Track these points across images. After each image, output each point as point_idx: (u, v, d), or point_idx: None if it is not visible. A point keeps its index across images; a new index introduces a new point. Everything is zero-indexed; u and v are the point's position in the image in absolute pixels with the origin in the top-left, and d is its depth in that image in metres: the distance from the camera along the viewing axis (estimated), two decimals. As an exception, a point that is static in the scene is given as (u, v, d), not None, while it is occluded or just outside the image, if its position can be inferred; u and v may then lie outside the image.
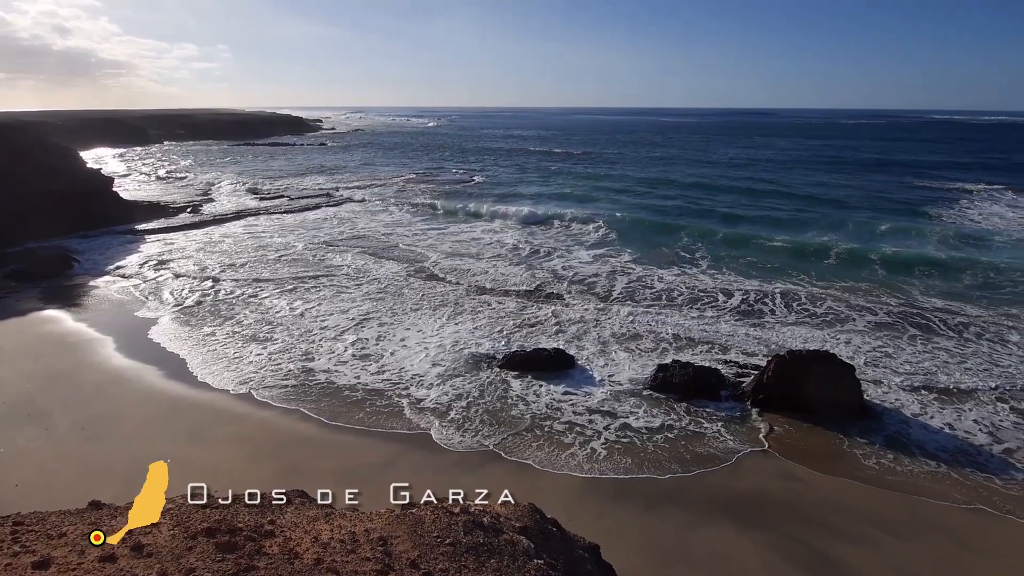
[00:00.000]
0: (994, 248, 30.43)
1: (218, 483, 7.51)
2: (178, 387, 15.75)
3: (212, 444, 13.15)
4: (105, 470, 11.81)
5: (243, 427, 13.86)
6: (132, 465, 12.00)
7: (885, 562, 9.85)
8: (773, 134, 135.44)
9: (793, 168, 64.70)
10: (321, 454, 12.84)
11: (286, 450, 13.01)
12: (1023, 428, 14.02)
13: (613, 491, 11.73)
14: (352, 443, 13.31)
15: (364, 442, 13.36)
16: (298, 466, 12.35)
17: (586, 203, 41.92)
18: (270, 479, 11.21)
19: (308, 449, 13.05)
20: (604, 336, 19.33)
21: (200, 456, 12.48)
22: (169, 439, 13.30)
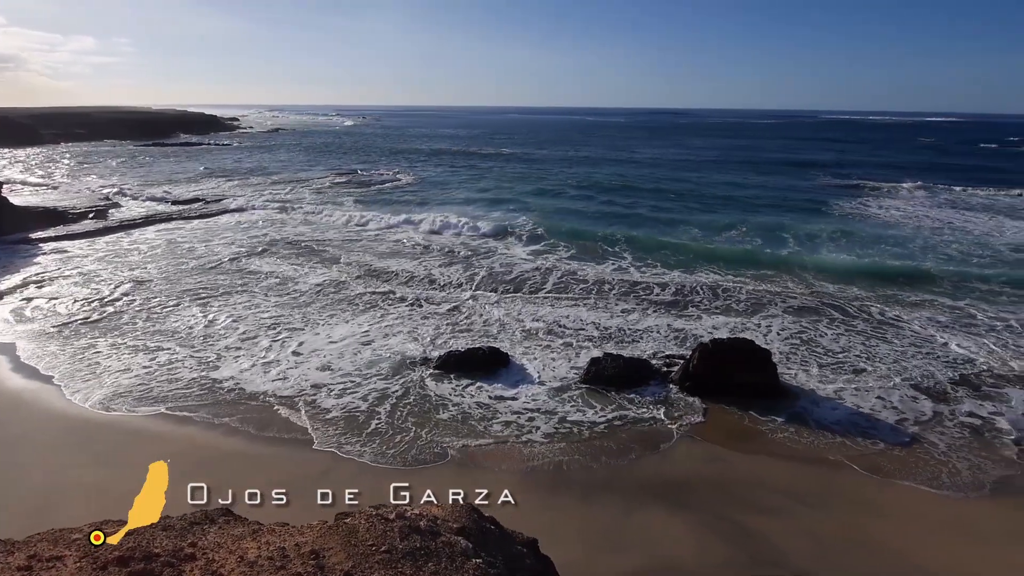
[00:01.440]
0: (894, 238, 33.17)
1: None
2: (81, 409, 14.58)
3: (126, 467, 12.25)
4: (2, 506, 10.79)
5: (161, 446, 13.02)
6: (36, 497, 11.07)
7: (799, 530, 10.59)
8: (692, 134, 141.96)
9: (710, 166, 68.05)
10: (249, 469, 12.28)
11: (210, 467, 12.34)
12: (918, 402, 15.43)
13: (551, 484, 11.94)
14: (283, 455, 12.82)
15: (295, 454, 12.91)
16: (224, 483, 11.72)
17: (516, 202, 42.14)
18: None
19: (234, 464, 12.45)
20: (538, 332, 19.60)
21: (113, 482, 11.62)
22: (77, 465, 12.30)
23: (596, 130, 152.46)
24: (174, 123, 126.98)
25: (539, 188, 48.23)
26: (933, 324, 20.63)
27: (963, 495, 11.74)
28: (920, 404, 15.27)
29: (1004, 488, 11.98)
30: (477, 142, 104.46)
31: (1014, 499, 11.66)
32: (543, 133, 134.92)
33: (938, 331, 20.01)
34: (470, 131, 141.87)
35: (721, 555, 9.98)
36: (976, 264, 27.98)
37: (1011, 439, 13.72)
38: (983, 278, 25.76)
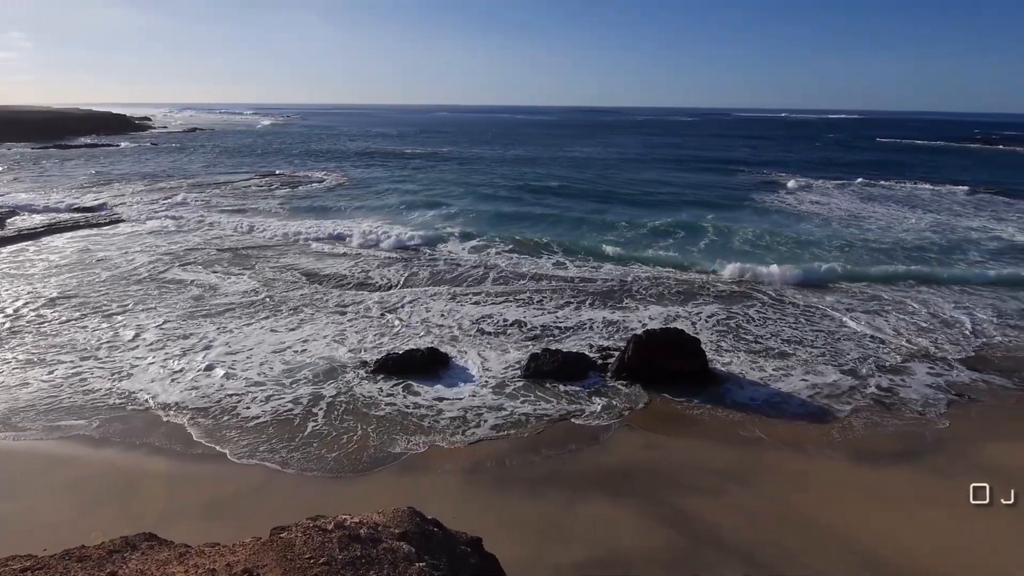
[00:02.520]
0: (806, 229, 35.35)
1: (46, 541, 6.51)
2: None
3: (36, 497, 11.31)
4: None
5: (76, 471, 12.07)
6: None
7: (732, 507, 11.12)
8: (619, 131, 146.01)
9: (637, 164, 70.17)
10: (177, 489, 11.60)
11: (134, 490, 11.58)
12: (834, 380, 16.54)
13: (495, 481, 11.96)
14: (211, 472, 12.17)
15: (225, 470, 12.28)
16: (150, 506, 11.05)
17: (449, 203, 41.52)
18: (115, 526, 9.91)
19: (161, 486, 11.71)
20: (477, 331, 19.58)
21: (19, 514, 10.68)
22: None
23: (527, 128, 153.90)
24: (78, 123, 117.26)
25: (472, 188, 47.89)
26: (845, 308, 22.19)
27: (876, 464, 12.68)
28: (835, 382, 16.37)
29: (911, 454, 13.04)
30: (407, 141, 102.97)
31: (919, 463, 12.70)
32: (474, 132, 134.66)
33: (849, 314, 21.55)
34: (399, 130, 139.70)
35: (662, 538, 10.33)
36: (880, 251, 30.31)
37: (914, 409, 14.98)
38: (886, 263, 28.00)
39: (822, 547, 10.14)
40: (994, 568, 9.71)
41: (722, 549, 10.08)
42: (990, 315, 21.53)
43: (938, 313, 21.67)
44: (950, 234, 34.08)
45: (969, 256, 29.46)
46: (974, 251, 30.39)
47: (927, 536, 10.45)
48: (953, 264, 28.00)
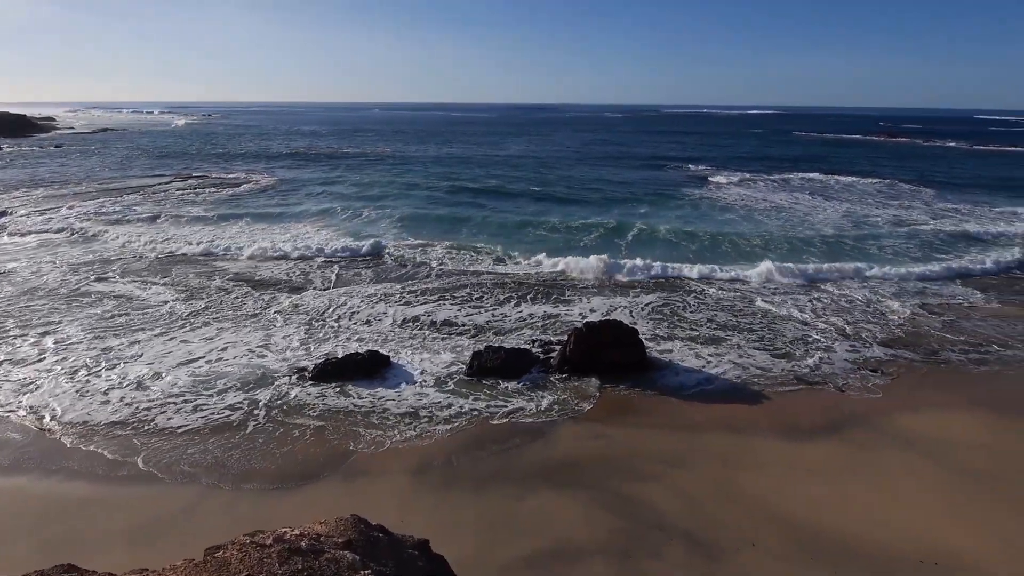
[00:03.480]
0: (732, 220, 36.98)
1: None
2: None
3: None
4: None
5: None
6: None
7: (674, 491, 11.52)
8: (554, 128, 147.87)
9: (574, 161, 71.23)
10: (100, 514, 10.83)
11: (51, 519, 10.72)
12: (763, 362, 17.41)
13: (442, 481, 11.85)
14: (139, 494, 11.44)
15: (153, 490, 11.58)
16: (72, 535, 10.27)
17: (384, 203, 40.77)
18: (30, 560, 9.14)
19: (81, 512, 10.90)
20: (417, 332, 19.35)
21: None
22: None
23: (463, 126, 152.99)
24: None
25: (408, 189, 47.02)
26: (770, 294, 23.39)
27: (802, 439, 13.45)
28: (764, 364, 17.24)
29: (832, 428, 13.91)
30: (340, 140, 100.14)
31: (840, 437, 13.57)
32: (409, 130, 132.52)
33: (775, 300, 22.73)
34: (331, 128, 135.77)
35: (609, 526, 10.55)
36: (799, 239, 32.13)
37: (836, 385, 15.99)
38: (806, 251, 29.75)
39: (757, 520, 10.66)
40: (910, 528, 10.50)
41: (665, 530, 10.41)
42: (900, 297, 23.28)
43: (854, 297, 23.21)
44: (862, 222, 36.59)
45: (881, 242, 31.69)
46: (885, 238, 32.73)
47: (850, 503, 11.19)
48: (867, 250, 30.07)
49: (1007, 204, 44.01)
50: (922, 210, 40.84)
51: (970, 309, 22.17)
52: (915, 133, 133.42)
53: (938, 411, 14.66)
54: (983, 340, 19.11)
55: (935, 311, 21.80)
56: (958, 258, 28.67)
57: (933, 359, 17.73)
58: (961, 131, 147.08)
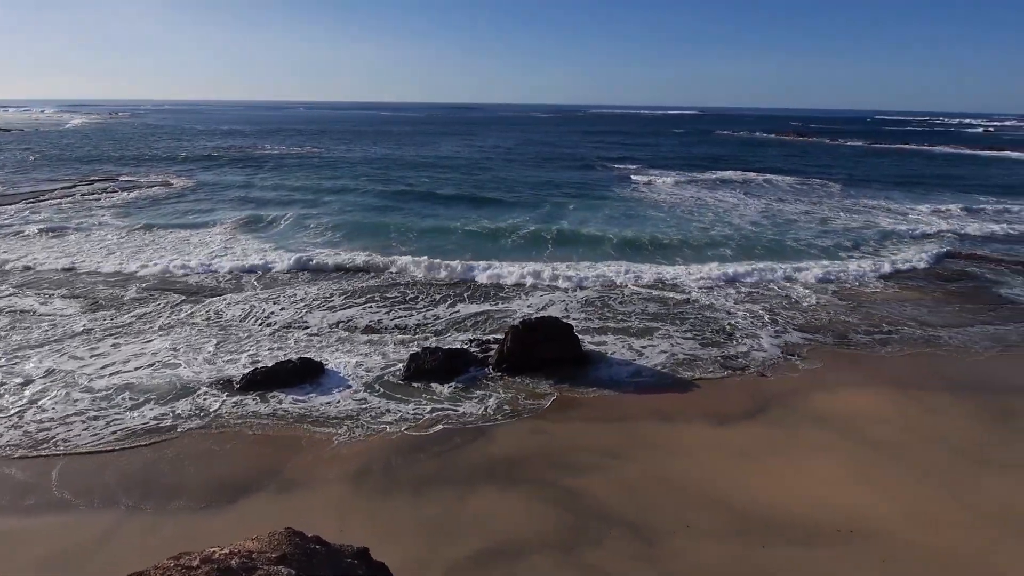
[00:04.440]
0: (661, 218, 38.28)
1: None
2: None
3: None
4: None
5: None
6: None
7: (614, 481, 11.82)
8: (486, 128, 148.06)
9: (501, 161, 71.54)
10: (4, 548, 9.89)
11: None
12: (696, 353, 18.15)
13: (382, 486, 11.62)
14: (49, 525, 10.52)
15: (66, 519, 10.68)
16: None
17: (314, 207, 39.33)
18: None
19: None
20: (351, 336, 18.87)
21: None
22: None
23: (392, 126, 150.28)
24: None
25: (336, 191, 45.43)
26: (697, 286, 24.42)
27: (730, 423, 14.13)
28: (693, 352, 17.98)
29: (757, 411, 14.70)
30: (263, 140, 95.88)
31: (764, 419, 14.36)
32: (336, 130, 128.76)
33: (701, 291, 23.76)
34: (253, 128, 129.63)
35: (552, 520, 10.68)
36: (722, 234, 33.74)
37: (758, 370, 16.91)
38: (728, 245, 31.28)
39: (690, 503, 11.12)
40: (828, 500, 11.26)
41: (606, 520, 10.66)
42: (814, 286, 24.90)
43: (773, 287, 24.62)
44: (779, 217, 38.87)
45: (797, 235, 33.74)
46: (800, 231, 34.89)
47: (774, 480, 11.87)
48: (784, 243, 31.94)
49: (903, 197, 48.11)
50: (831, 205, 43.89)
51: (875, 295, 24.02)
52: (822, 133, 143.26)
53: (848, 390, 15.80)
54: (887, 323, 20.76)
55: (845, 298, 23.47)
56: (864, 248, 31.08)
57: (843, 342, 19.08)
58: (861, 130, 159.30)
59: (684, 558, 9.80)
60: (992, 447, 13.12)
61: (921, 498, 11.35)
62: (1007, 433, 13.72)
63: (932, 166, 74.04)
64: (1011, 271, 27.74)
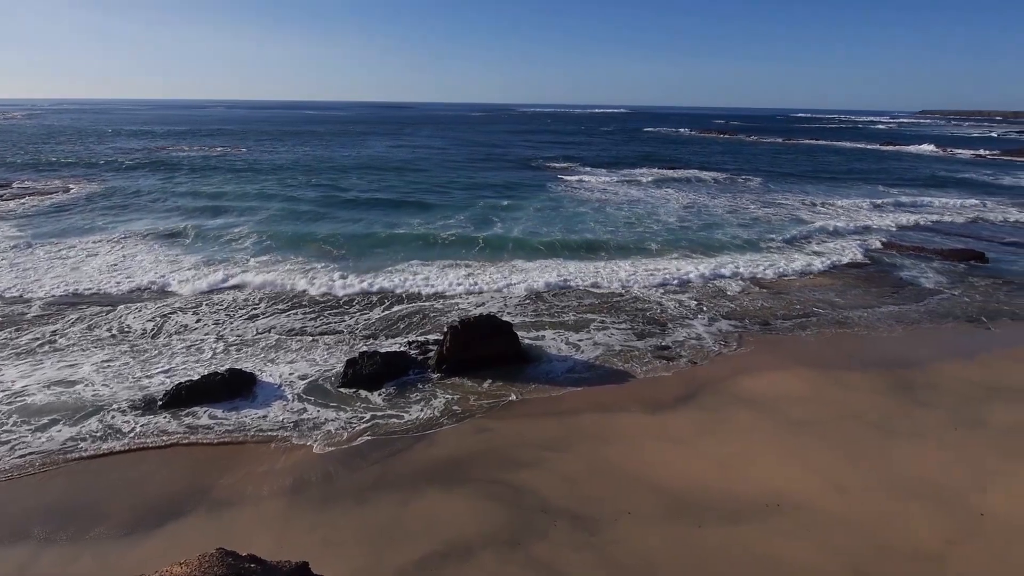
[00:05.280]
0: (588, 215, 39.05)
1: None
2: None
3: None
4: None
5: None
6: None
7: (555, 474, 12.03)
8: (418, 127, 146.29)
9: (435, 162, 70.87)
10: None
11: None
12: (626, 344, 18.70)
13: (321, 498, 11.30)
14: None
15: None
16: None
17: (238, 213, 37.09)
18: None
19: None
20: (285, 344, 18.20)
21: None
22: None
23: (319, 126, 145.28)
24: None
25: (262, 197, 42.76)
26: (628, 278, 25.15)
27: (664, 410, 14.68)
28: (628, 344, 18.55)
29: (688, 397, 15.34)
30: (179, 141, 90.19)
31: (695, 404, 15.01)
32: (260, 130, 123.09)
33: (633, 285, 24.50)
34: (167, 129, 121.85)
35: (497, 517, 10.74)
36: (651, 229, 34.91)
37: (688, 358, 17.63)
38: (657, 240, 32.38)
39: (630, 491, 11.48)
40: (756, 477, 11.91)
41: (548, 512, 10.84)
42: (738, 276, 26.19)
43: (700, 277, 25.70)
44: (704, 212, 40.60)
45: (723, 229, 35.38)
46: (724, 224, 36.61)
47: (707, 462, 12.44)
48: (710, 236, 33.39)
49: (817, 191, 51.58)
50: (752, 199, 46.29)
51: (794, 283, 25.58)
52: (741, 131, 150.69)
53: (771, 372, 16.76)
54: (804, 308, 22.16)
55: (767, 287, 24.85)
56: (784, 240, 33.01)
57: (766, 328, 20.21)
58: (777, 128, 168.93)
59: (626, 544, 10.11)
60: (898, 419, 14.29)
61: (838, 469, 12.21)
62: (910, 405, 14.98)
63: (841, 161, 79.50)
64: (911, 256, 30.27)
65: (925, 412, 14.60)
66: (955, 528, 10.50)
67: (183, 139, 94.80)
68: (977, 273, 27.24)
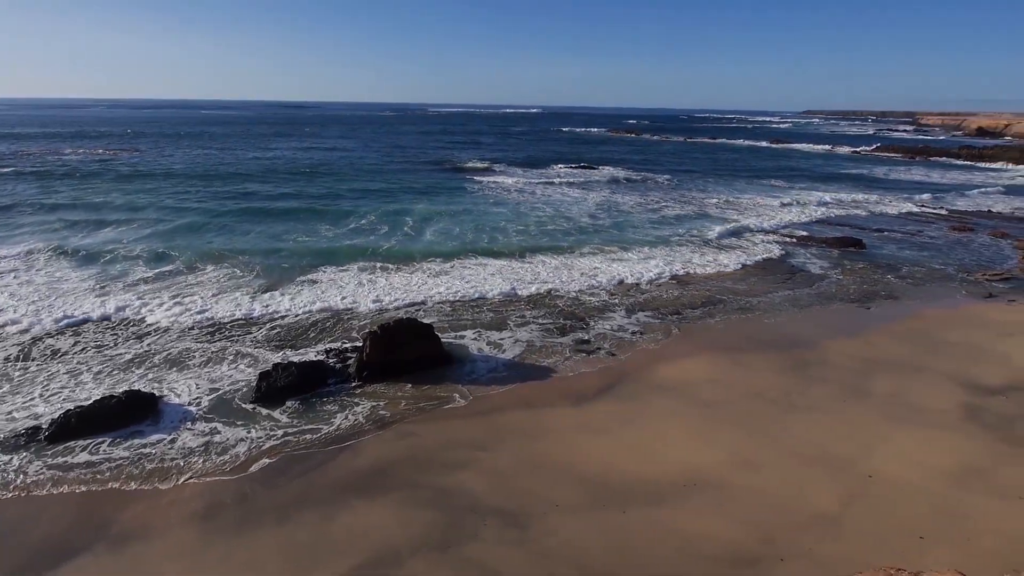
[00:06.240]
0: (502, 215, 39.36)
1: None
2: None
3: None
4: None
5: None
6: None
7: (484, 472, 12.06)
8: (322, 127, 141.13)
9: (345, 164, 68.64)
10: None
11: None
12: (549, 340, 19.04)
13: (237, 522, 10.67)
14: None
15: None
16: None
17: (127, 223, 33.79)
18: None
19: None
20: (189, 359, 17.00)
21: None
22: None
23: (218, 126, 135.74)
24: None
25: (148, 205, 38.79)
26: (546, 276, 25.64)
27: (586, 402, 15.10)
28: (549, 340, 18.91)
29: (609, 388, 15.87)
30: (55, 144, 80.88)
31: (615, 394, 15.55)
32: (149, 132, 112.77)
33: (548, 282, 24.99)
34: (39, 131, 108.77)
35: (425, 522, 10.61)
36: (564, 226, 35.76)
37: (607, 351, 18.24)
38: (570, 238, 33.23)
39: (557, 483, 11.72)
40: (674, 459, 12.53)
41: (478, 512, 10.85)
42: (651, 270, 27.37)
43: (615, 273, 26.63)
44: (615, 209, 42.09)
45: (635, 225, 36.83)
46: (635, 220, 38.12)
47: (629, 449, 12.93)
48: (623, 233, 34.68)
49: (719, 186, 54.95)
50: (661, 196, 48.57)
51: (702, 274, 27.08)
52: (648, 130, 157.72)
53: (684, 359, 17.68)
54: (711, 298, 23.53)
55: (678, 279, 26.17)
56: (692, 234, 34.91)
57: (679, 318, 21.28)
58: (680, 128, 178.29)
59: (556, 536, 10.31)
60: (796, 395, 15.52)
61: (745, 445, 13.08)
62: (806, 381, 16.31)
63: (739, 158, 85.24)
64: (802, 246, 32.95)
65: (818, 387, 15.95)
66: (848, 490, 11.56)
67: (62, 142, 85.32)
68: (856, 259, 30.10)
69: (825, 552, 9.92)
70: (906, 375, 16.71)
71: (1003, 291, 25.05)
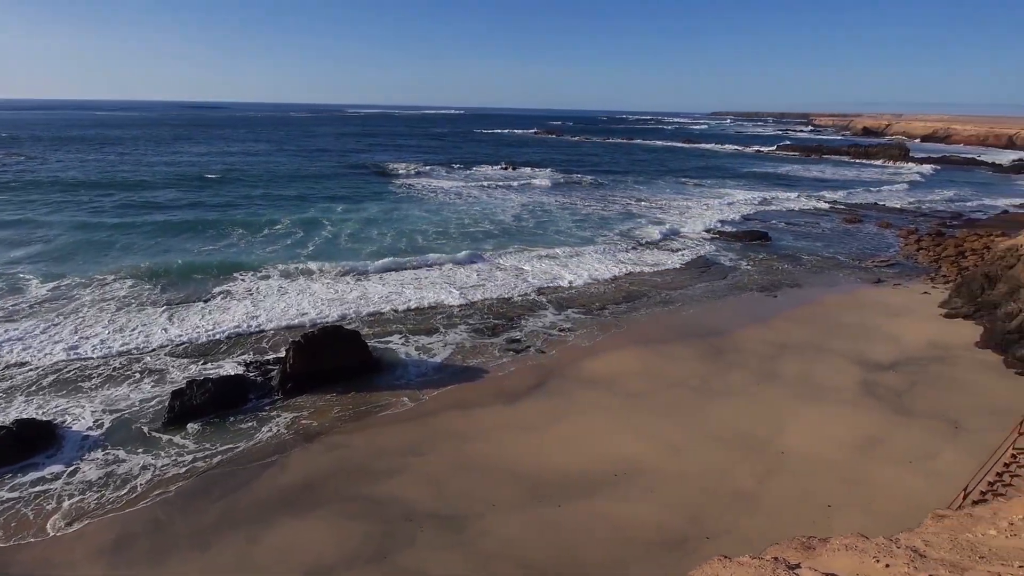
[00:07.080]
0: (424, 218, 38.92)
1: None
2: None
3: None
4: None
5: None
6: None
7: (419, 478, 11.91)
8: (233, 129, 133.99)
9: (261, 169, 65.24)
10: None
11: None
12: (464, 341, 19.04)
13: (149, 553, 9.94)
14: None
15: None
16: None
17: (23, 240, 30.22)
18: None
19: None
20: (87, 382, 15.66)
21: None
22: None
23: (117, 129, 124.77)
24: None
25: (28, 221, 34.07)
26: (473, 276, 25.65)
27: (517, 400, 15.24)
28: (478, 341, 18.93)
29: (539, 385, 16.10)
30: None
31: (545, 391, 15.80)
32: (31, 136, 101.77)
33: (472, 282, 25.03)
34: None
35: (360, 533, 10.33)
36: (485, 228, 35.93)
37: (536, 348, 18.49)
38: (495, 237, 33.41)
39: (492, 483, 11.76)
40: (604, 450, 12.89)
41: (414, 519, 10.69)
42: (575, 268, 27.99)
43: (540, 272, 27.04)
44: (538, 209, 42.69)
45: (556, 224, 37.51)
46: (559, 220, 38.84)
47: (560, 444, 13.19)
48: (547, 231, 35.26)
49: (639, 185, 57.02)
50: (583, 196, 49.81)
51: (626, 271, 28.00)
52: (568, 131, 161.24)
53: (608, 353, 18.22)
54: (634, 293, 24.39)
55: (603, 277, 26.91)
56: (615, 232, 36.04)
57: (604, 313, 21.90)
58: (599, 128, 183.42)
59: (493, 535, 10.34)
60: (714, 381, 16.38)
61: (670, 433, 13.67)
62: (722, 368, 17.25)
63: (655, 158, 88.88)
64: (716, 240, 34.86)
65: (734, 372, 16.92)
66: (764, 467, 12.35)
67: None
68: (763, 251, 32.18)
69: (746, 527, 10.55)
70: (810, 357, 18.05)
71: (889, 276, 27.59)
